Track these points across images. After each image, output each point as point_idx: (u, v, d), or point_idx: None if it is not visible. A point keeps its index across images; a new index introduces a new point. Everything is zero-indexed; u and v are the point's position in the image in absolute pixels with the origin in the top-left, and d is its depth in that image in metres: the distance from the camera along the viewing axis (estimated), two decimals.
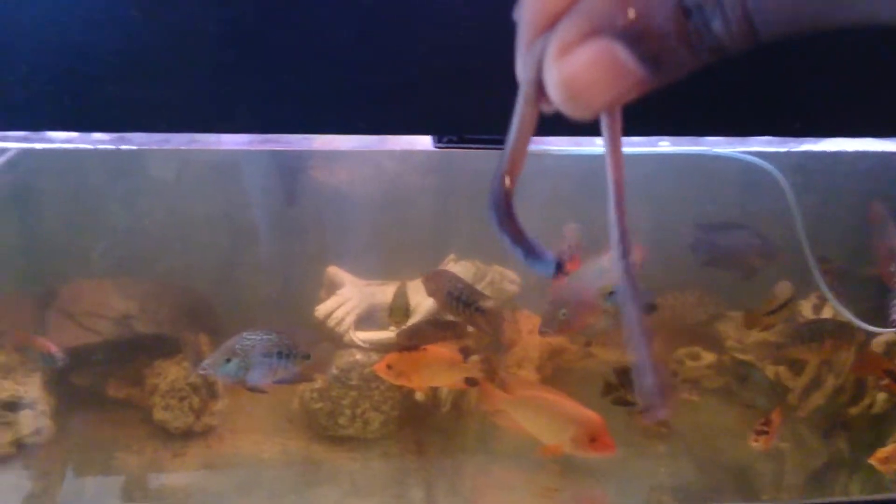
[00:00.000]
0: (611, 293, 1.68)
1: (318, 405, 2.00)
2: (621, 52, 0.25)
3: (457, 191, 2.10)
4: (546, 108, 0.30)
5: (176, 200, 1.98)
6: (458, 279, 1.77)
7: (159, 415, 1.97)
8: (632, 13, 0.24)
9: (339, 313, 2.00)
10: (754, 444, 1.84)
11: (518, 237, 0.29)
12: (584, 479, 1.99)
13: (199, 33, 0.85)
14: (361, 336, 2.02)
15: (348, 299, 2.03)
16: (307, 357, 1.66)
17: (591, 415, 1.70)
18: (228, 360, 1.60)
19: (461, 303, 1.72)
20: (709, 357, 2.23)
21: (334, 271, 2.10)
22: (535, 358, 2.22)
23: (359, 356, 2.00)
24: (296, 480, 1.91)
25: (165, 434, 1.99)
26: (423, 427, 2.09)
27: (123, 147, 1.11)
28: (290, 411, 2.08)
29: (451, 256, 2.15)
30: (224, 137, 1.09)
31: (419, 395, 2.05)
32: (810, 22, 0.22)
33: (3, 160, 1.24)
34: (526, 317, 2.29)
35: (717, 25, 0.23)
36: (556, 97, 0.27)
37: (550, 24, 0.26)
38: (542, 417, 1.75)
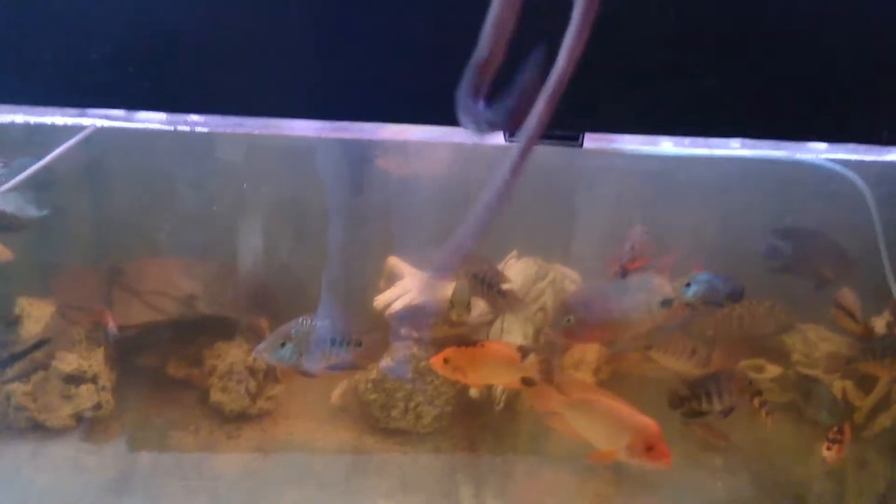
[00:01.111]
0: (664, 301, 1.64)
1: (373, 396, 2.00)
2: None
3: (522, 187, 2.07)
4: None
5: (243, 184, 2.00)
6: (487, 262, 1.77)
7: (216, 396, 1.99)
8: None
9: (397, 304, 2.00)
10: (826, 454, 1.79)
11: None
12: (637, 488, 1.95)
13: (280, 21, 0.85)
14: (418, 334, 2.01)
15: (407, 290, 2.02)
16: (359, 344, 1.66)
17: (648, 422, 1.65)
18: (283, 345, 1.61)
19: (484, 284, 1.73)
20: (774, 370, 2.17)
21: (395, 262, 2.10)
22: (593, 361, 2.19)
23: (415, 349, 1.99)
24: (346, 470, 1.92)
25: (221, 415, 2.01)
26: (475, 424, 2.07)
27: (198, 129, 1.11)
28: (344, 400, 2.08)
29: (514, 253, 2.12)
30: (294, 123, 1.09)
31: (473, 393, 2.03)
32: None
33: (80, 137, 1.26)
34: None
35: None
36: None
37: None
38: (597, 422, 1.71)
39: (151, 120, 1.05)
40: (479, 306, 1.98)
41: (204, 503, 1.79)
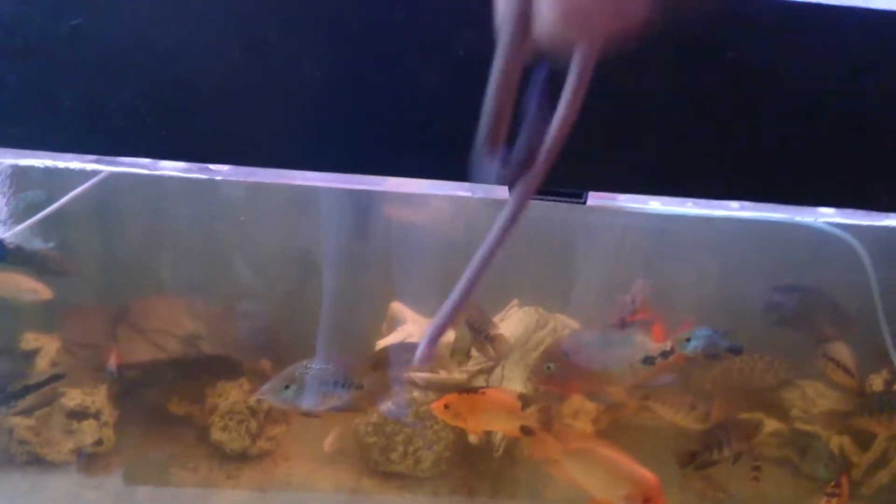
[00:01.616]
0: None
1: (372, 439, 2.01)
2: None
3: (523, 239, 2.10)
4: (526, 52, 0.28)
5: (249, 229, 2.03)
6: (476, 308, 1.80)
7: (217, 435, 2.00)
8: None
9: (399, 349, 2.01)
10: None
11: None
12: None
13: (293, 75, 0.88)
14: (419, 374, 2.02)
15: (410, 335, 2.04)
16: (360, 387, 1.68)
17: (647, 474, 1.66)
18: (287, 387, 1.63)
19: (473, 329, 1.76)
20: (771, 425, 2.17)
21: (398, 307, 2.12)
22: (592, 410, 2.20)
23: (416, 393, 2.00)
24: None
25: (221, 455, 2.01)
26: (474, 470, 2.07)
27: (216, 177, 1.14)
28: (341, 444, 2.09)
29: (515, 302, 2.14)
30: (303, 173, 1.12)
31: (472, 439, 2.04)
32: None
33: (96, 180, 1.29)
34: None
35: None
36: (552, 17, 0.23)
37: None
38: (596, 472, 1.72)
39: (165, 167, 1.08)
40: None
41: None
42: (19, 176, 1.44)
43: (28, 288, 1.93)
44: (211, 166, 1.10)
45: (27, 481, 1.91)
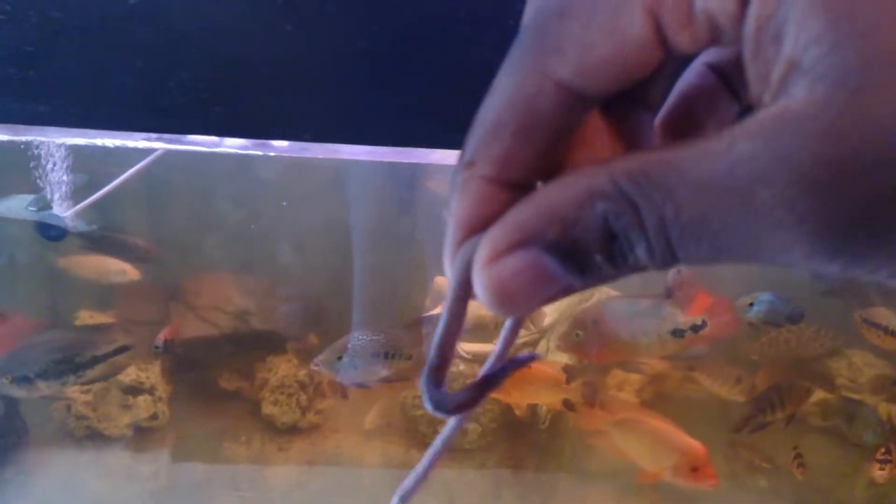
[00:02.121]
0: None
1: (420, 412, 2.03)
2: (549, 264, 0.25)
3: None
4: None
5: (297, 205, 2.05)
6: None
7: (268, 409, 2.04)
8: (560, 230, 0.24)
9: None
10: (878, 474, 1.78)
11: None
12: None
13: (348, 50, 0.89)
14: (465, 347, 2.04)
15: None
16: (410, 358, 1.71)
17: (694, 444, 1.67)
18: (339, 358, 1.66)
19: None
20: (818, 394, 2.16)
21: (442, 282, 2.14)
22: (636, 381, 2.20)
23: (462, 367, 2.02)
24: (393, 485, 1.94)
25: (272, 428, 2.06)
26: (520, 442, 2.10)
27: (270, 153, 1.16)
28: (385, 419, 2.12)
29: None
30: (351, 148, 1.14)
31: (518, 411, 2.06)
32: (726, 260, 0.24)
33: (151, 158, 1.32)
34: None
35: (640, 251, 0.24)
36: (484, 300, 0.26)
37: (479, 229, 0.26)
38: (643, 442, 1.73)
39: (225, 145, 1.10)
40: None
41: None
42: (75, 155, 1.47)
43: (116, 269, 1.98)
44: (267, 142, 1.13)
45: (85, 455, 1.97)
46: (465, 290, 0.27)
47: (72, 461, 1.95)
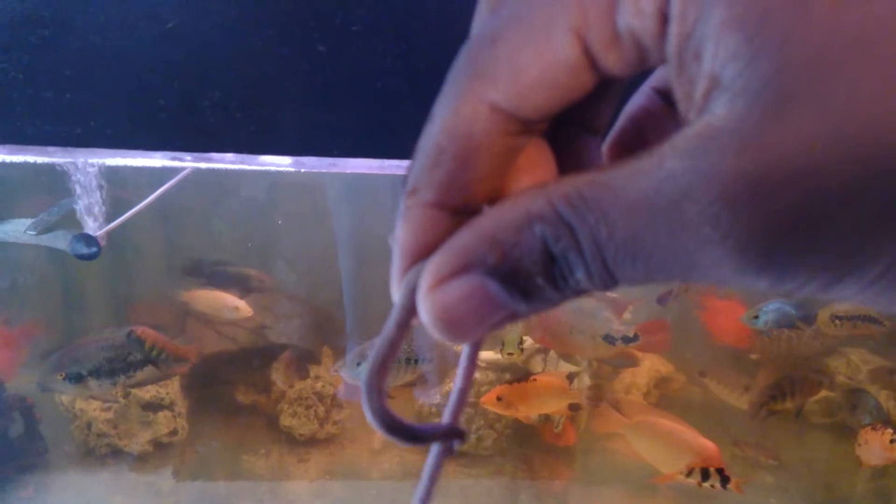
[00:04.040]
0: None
1: (437, 420, 2.05)
2: (493, 288, 0.25)
3: None
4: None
5: (311, 221, 2.08)
6: None
7: (287, 421, 2.06)
8: (500, 254, 0.24)
9: None
10: (892, 455, 1.81)
11: (394, 429, 0.28)
12: None
13: (377, 67, 0.93)
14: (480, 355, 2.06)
15: None
16: (429, 361, 1.73)
17: (707, 444, 1.70)
18: (359, 364, 1.69)
19: None
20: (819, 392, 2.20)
21: None
22: (643, 385, 2.24)
23: (476, 374, 2.04)
24: (411, 492, 1.96)
25: (291, 440, 2.08)
26: (534, 447, 2.12)
27: (302, 170, 1.20)
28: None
29: None
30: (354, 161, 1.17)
31: (528, 421, 2.08)
32: (663, 279, 0.24)
33: (179, 178, 1.34)
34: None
35: (580, 273, 0.24)
36: (430, 326, 0.26)
37: (424, 255, 0.26)
38: (658, 444, 1.76)
39: (264, 162, 1.13)
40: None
41: None
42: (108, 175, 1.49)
43: (230, 306, 2.01)
44: (299, 159, 1.16)
45: (106, 472, 1.98)
46: (408, 316, 0.27)
47: (93, 479, 1.97)
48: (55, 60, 0.83)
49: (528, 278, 0.24)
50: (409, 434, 0.29)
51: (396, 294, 0.27)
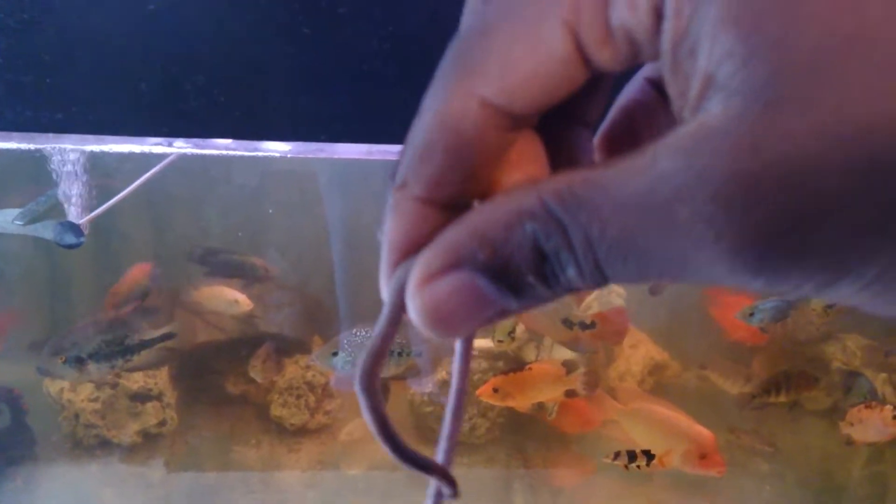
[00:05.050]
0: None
1: (428, 409, 2.05)
2: (483, 285, 0.25)
3: None
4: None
5: (302, 209, 2.07)
6: None
7: (277, 411, 2.05)
8: (491, 251, 0.24)
9: None
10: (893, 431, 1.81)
11: (386, 430, 0.29)
12: (690, 493, 1.98)
13: (364, 50, 0.90)
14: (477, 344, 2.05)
15: None
16: (420, 355, 1.71)
17: (703, 431, 1.70)
18: (335, 354, 1.67)
19: None
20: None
21: None
22: (637, 372, 2.23)
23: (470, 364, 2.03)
24: (404, 482, 1.96)
25: (281, 430, 2.06)
26: (528, 434, 2.11)
27: (289, 155, 1.17)
28: (400, 414, 2.13)
29: None
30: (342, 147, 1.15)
31: (522, 409, 2.07)
32: (655, 278, 0.24)
33: (165, 163, 1.32)
34: (629, 331, 2.30)
35: (570, 271, 0.24)
36: (419, 322, 0.26)
37: (413, 251, 0.26)
38: (654, 430, 1.75)
39: (230, 146, 1.11)
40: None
41: None
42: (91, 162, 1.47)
43: (230, 299, 1.98)
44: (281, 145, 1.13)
45: (95, 464, 1.96)
46: (398, 313, 0.27)
47: (81, 470, 1.95)
48: (35, 44, 0.81)
49: (518, 275, 0.24)
50: (400, 450, 0.29)
51: (385, 291, 0.27)
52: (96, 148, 1.22)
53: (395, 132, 0.97)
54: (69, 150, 1.33)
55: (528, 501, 1.94)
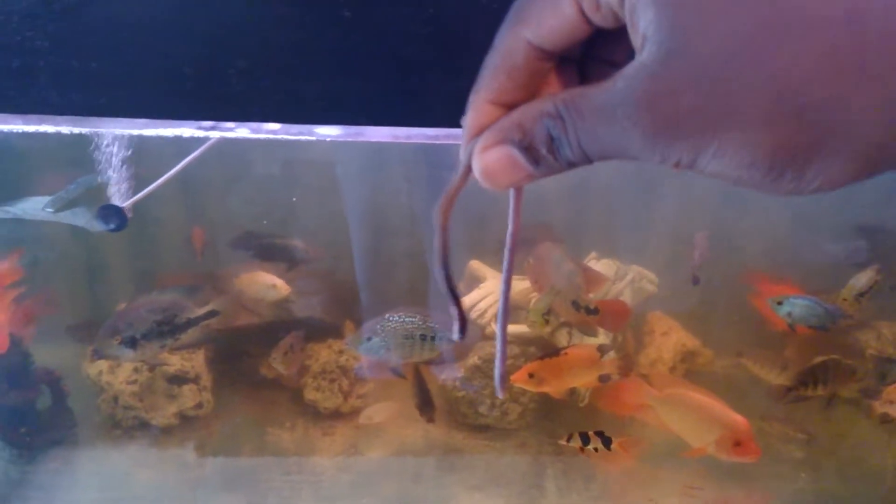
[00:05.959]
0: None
1: (461, 394, 2.05)
2: (517, 155, 0.39)
3: (599, 191, 2.13)
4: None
5: (333, 194, 2.07)
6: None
7: (311, 395, 2.06)
8: (522, 134, 0.39)
9: (481, 305, 2.05)
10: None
11: (444, 259, 0.45)
12: (724, 480, 1.97)
13: (403, 33, 0.90)
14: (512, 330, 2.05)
15: (490, 292, 2.08)
16: (451, 341, 1.71)
17: (738, 418, 1.68)
18: (369, 339, 1.68)
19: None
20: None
21: (477, 265, 2.15)
22: (668, 359, 2.22)
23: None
24: (436, 465, 1.97)
25: (315, 413, 2.08)
26: (559, 420, 2.11)
27: (328, 139, 1.18)
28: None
29: (593, 255, 2.17)
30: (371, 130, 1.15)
31: (555, 394, 2.07)
32: (615, 156, 0.38)
33: (205, 147, 1.33)
34: (659, 318, 2.29)
35: (566, 149, 0.38)
36: (478, 175, 0.41)
37: (479, 132, 0.41)
38: (688, 417, 1.74)
39: (276, 131, 1.11)
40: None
41: (309, 497, 1.85)
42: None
43: (267, 284, 2.01)
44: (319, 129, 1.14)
45: (133, 445, 1.99)
46: (468, 170, 0.42)
47: (119, 452, 1.98)
48: (80, 29, 0.82)
49: (538, 150, 0.39)
50: (448, 280, 0.45)
51: (463, 155, 0.43)
52: (142, 132, 1.23)
53: (434, 115, 0.98)
54: (112, 134, 1.35)
55: (560, 487, 1.94)
